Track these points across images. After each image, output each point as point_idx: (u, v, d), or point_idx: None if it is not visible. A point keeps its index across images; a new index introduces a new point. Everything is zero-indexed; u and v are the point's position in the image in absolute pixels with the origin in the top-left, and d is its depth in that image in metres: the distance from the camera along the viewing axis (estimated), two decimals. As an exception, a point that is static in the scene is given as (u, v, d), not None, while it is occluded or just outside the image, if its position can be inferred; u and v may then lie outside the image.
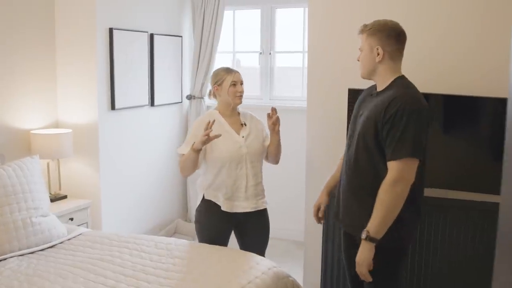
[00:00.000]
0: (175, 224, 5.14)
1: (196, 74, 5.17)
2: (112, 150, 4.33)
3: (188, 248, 3.03)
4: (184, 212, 5.42)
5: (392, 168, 2.25)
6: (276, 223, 5.15)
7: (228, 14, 5.24)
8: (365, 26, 2.45)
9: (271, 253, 4.75)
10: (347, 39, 3.44)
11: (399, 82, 2.39)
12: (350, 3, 3.48)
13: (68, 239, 3.22)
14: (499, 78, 3.00)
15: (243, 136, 3.11)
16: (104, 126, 4.21)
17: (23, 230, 3.02)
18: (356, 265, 2.35)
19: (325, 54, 3.56)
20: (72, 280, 2.59)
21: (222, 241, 3.15)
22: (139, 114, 4.65)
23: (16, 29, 3.82)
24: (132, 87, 4.48)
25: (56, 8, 4.15)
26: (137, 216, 4.69)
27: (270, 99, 5.23)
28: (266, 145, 3.19)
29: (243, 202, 3.08)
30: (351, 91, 3.21)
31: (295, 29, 5.16)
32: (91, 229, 4.01)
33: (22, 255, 2.95)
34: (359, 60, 2.49)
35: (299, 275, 3.92)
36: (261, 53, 5.21)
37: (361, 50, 2.47)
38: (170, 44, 4.99)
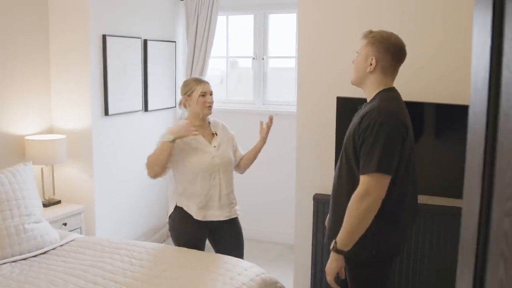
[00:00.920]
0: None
1: (190, 79, 5.20)
2: (106, 155, 4.37)
3: (178, 254, 3.07)
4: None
5: (361, 182, 2.22)
6: (269, 227, 5.23)
7: (221, 19, 5.28)
8: (369, 33, 2.40)
9: (264, 256, 4.82)
10: (336, 46, 3.48)
11: (382, 94, 2.35)
12: (340, 11, 3.50)
13: (61, 245, 3.26)
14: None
15: (214, 146, 3.15)
16: (97, 131, 4.25)
17: (15, 236, 3.06)
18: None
19: (315, 61, 3.59)
20: (62, 287, 2.63)
21: (198, 247, 3.19)
22: (133, 120, 4.69)
23: (10, 36, 3.86)
24: (126, 92, 4.52)
25: (50, 15, 4.19)
26: (130, 220, 4.73)
27: (263, 103, 5.28)
28: (237, 155, 3.32)
29: (216, 211, 3.11)
30: (339, 99, 3.25)
31: (288, 34, 5.20)
32: (84, 235, 4.06)
33: (15, 261, 3.00)
34: (354, 62, 2.45)
35: (291, 280, 3.97)
36: (254, 58, 5.25)
37: (357, 53, 2.43)
38: (164, 49, 5.04)
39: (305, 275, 3.74)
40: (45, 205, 4.03)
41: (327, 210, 2.66)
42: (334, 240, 2.27)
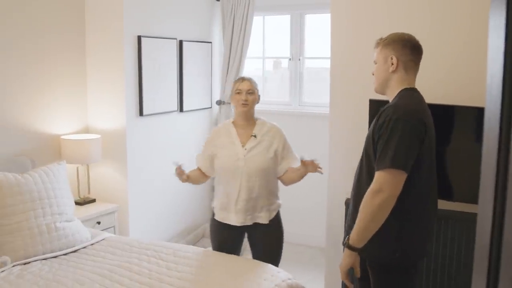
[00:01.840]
0: (202, 229, 5.19)
1: (226, 80, 5.20)
2: (140, 155, 4.40)
3: (206, 257, 3.06)
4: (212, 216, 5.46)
5: (375, 178, 2.19)
6: (302, 230, 5.17)
7: (257, 20, 5.25)
8: (380, 39, 2.44)
9: (297, 259, 4.77)
10: (370, 48, 3.38)
11: (402, 93, 2.34)
12: (373, 12, 3.44)
13: (91, 244, 3.29)
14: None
15: (245, 148, 3.08)
16: (132, 132, 4.29)
17: (47, 234, 3.11)
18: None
19: (348, 63, 3.53)
20: (88, 286, 2.65)
21: (231, 247, 3.17)
22: (168, 120, 4.71)
23: (47, 36, 3.94)
24: (160, 93, 4.55)
25: (86, 16, 4.26)
26: (164, 220, 4.76)
27: (299, 105, 5.22)
28: (281, 166, 3.12)
29: (233, 215, 3.10)
30: (372, 102, 3.17)
31: (324, 34, 5.12)
32: (118, 234, 4.11)
33: (46, 259, 3.04)
34: (373, 74, 2.47)
35: (322, 284, 3.91)
36: (290, 59, 5.20)
37: (375, 63, 2.45)
38: (199, 50, 5.04)
39: (336, 279, 3.67)
40: (80, 203, 4.10)
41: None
42: (347, 236, 2.26)
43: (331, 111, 3.63)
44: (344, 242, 2.25)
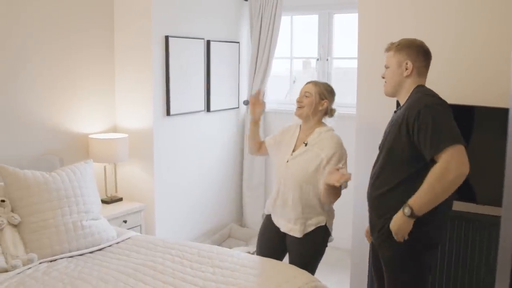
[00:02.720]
0: (229, 229, 5.19)
1: (253, 80, 5.19)
2: (167, 155, 4.42)
3: (229, 257, 3.04)
4: (239, 216, 5.46)
5: (441, 160, 2.24)
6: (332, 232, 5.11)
7: (285, 20, 5.22)
8: (392, 44, 2.54)
9: (323, 261, 4.71)
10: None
11: (417, 89, 2.46)
12: (400, 12, 3.41)
13: (117, 243, 3.32)
14: None
15: (292, 155, 3.02)
16: (159, 131, 4.31)
17: (73, 232, 3.14)
18: (393, 234, 2.41)
19: (375, 63, 3.48)
20: (112, 285, 2.66)
21: (274, 252, 3.12)
22: (195, 120, 4.73)
23: (76, 34, 3.99)
24: (187, 93, 4.56)
25: (115, 16, 4.30)
26: (190, 220, 4.77)
27: (326, 105, 5.16)
28: (320, 177, 2.91)
29: (278, 218, 3.09)
30: (399, 103, 3.11)
31: (353, 34, 5.06)
32: (144, 233, 4.13)
33: (72, 257, 3.07)
34: (384, 77, 2.56)
35: (347, 286, 3.87)
36: (318, 59, 5.16)
37: (386, 67, 2.55)
38: (227, 50, 5.04)
39: (362, 281, 3.62)
40: (107, 202, 4.13)
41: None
42: (408, 205, 2.31)
43: (357, 112, 3.61)
44: (410, 213, 2.30)
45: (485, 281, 3.09)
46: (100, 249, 3.22)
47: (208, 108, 4.85)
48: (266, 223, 3.21)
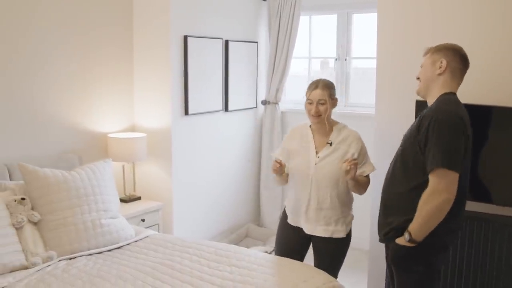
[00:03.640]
0: (246, 228, 5.19)
1: (272, 80, 5.19)
2: (185, 154, 4.44)
3: (246, 256, 3.04)
4: (256, 216, 5.46)
5: (430, 180, 2.30)
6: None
7: (304, 19, 5.21)
8: (430, 48, 2.53)
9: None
10: (416, 49, 3.32)
11: (442, 97, 2.44)
12: (420, 12, 3.39)
13: (135, 241, 3.33)
14: None
15: (318, 156, 2.98)
16: (177, 131, 4.32)
17: (92, 231, 3.17)
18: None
19: (394, 63, 3.48)
20: (131, 283, 2.68)
21: (293, 253, 3.10)
22: (213, 119, 4.74)
23: (95, 33, 4.02)
24: (205, 92, 4.58)
25: (134, 16, 4.32)
26: (208, 219, 4.78)
27: (345, 105, 5.14)
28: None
29: (304, 222, 3.06)
30: (418, 103, 3.09)
31: (371, 34, 5.02)
32: (162, 232, 4.15)
33: (90, 254, 3.10)
34: (419, 77, 2.55)
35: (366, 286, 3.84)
36: (336, 59, 5.13)
37: (421, 66, 2.54)
38: (245, 50, 5.04)
39: (380, 282, 3.59)
40: (126, 201, 4.16)
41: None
42: (407, 232, 2.39)
43: (377, 112, 3.58)
44: (409, 238, 2.38)
45: (504, 282, 3.05)
46: (119, 248, 3.23)
47: (226, 108, 4.86)
48: (284, 224, 3.19)
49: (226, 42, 4.77)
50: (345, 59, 5.09)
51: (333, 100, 3.02)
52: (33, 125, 3.65)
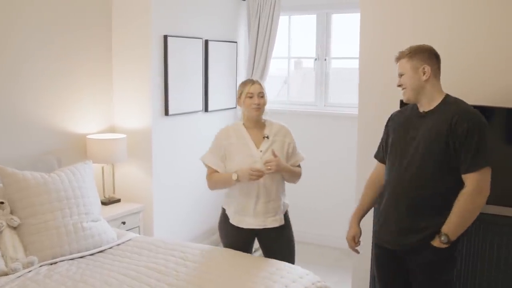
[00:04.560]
0: (227, 230, 5.15)
1: (251, 80, 5.16)
2: (166, 155, 4.38)
3: (233, 258, 3.00)
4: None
5: (471, 180, 2.38)
6: (328, 231, 5.10)
7: (283, 20, 5.20)
8: (402, 53, 2.54)
9: (321, 262, 4.70)
10: (399, 48, 3.35)
11: (451, 99, 2.51)
12: (402, 12, 3.43)
13: (117, 245, 3.27)
14: None
15: (261, 150, 3.03)
16: (157, 131, 4.27)
17: (74, 234, 3.10)
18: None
19: (377, 63, 3.50)
20: (116, 287, 2.63)
21: (242, 249, 3.12)
22: (193, 120, 4.69)
23: (73, 33, 3.94)
24: (186, 93, 4.53)
25: (113, 15, 4.25)
26: (189, 220, 4.74)
27: (324, 105, 5.15)
28: (291, 164, 3.09)
29: (251, 218, 3.05)
30: (402, 103, 3.10)
31: (351, 34, 5.05)
32: (142, 234, 4.09)
33: (72, 259, 3.03)
34: (401, 85, 2.57)
35: (349, 287, 3.85)
36: (316, 59, 5.14)
37: (401, 74, 2.55)
38: (225, 50, 5.01)
39: (364, 282, 3.60)
40: (105, 203, 4.09)
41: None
42: (443, 234, 2.42)
43: (360, 112, 3.59)
44: (446, 240, 2.42)
45: (504, 284, 3.07)
46: (101, 251, 3.17)
47: (206, 108, 4.82)
48: (227, 228, 3.18)
49: (206, 42, 4.73)
50: (325, 59, 5.09)
51: (266, 97, 3.13)
52: (11, 127, 3.55)
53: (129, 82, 4.25)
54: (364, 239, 3.44)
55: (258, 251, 3.41)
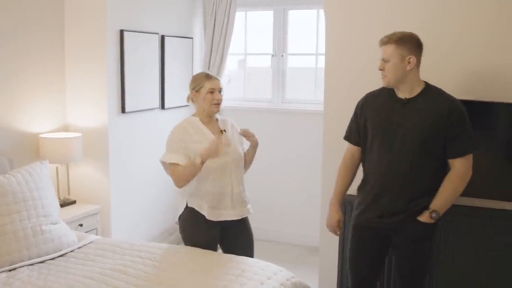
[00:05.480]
0: (185, 229, 5.06)
1: (207, 77, 5.07)
2: (123, 154, 4.25)
3: (203, 257, 2.92)
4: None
5: (460, 163, 2.56)
6: (288, 228, 5.10)
7: (240, 16, 5.14)
8: (390, 38, 2.54)
9: (283, 259, 4.68)
10: (365, 45, 3.38)
11: (432, 87, 2.63)
12: (369, 7, 3.43)
13: (79, 248, 3.12)
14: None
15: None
16: (114, 129, 4.13)
17: (32, 238, 2.93)
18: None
19: (343, 60, 3.50)
20: (84, 292, 2.50)
21: (211, 248, 3.07)
22: (150, 117, 4.57)
23: (24, 31, 3.74)
24: (142, 89, 4.41)
25: (66, 10, 4.07)
26: (147, 220, 4.62)
27: (282, 102, 5.14)
28: (244, 153, 3.18)
29: (230, 210, 3.03)
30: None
31: (308, 31, 5.06)
32: (101, 236, 3.93)
33: (32, 264, 2.87)
34: (383, 69, 2.58)
35: (314, 283, 3.84)
36: (273, 55, 5.12)
37: (386, 60, 2.56)
38: (181, 45, 4.91)
39: (331, 278, 3.61)
40: (60, 205, 3.86)
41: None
42: (434, 211, 2.59)
43: (325, 108, 3.59)
44: (436, 215, 2.59)
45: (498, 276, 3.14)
46: (62, 255, 3.01)
47: (162, 105, 4.71)
48: (201, 225, 3.06)
49: (162, 37, 4.61)
50: (282, 56, 5.08)
51: None
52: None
53: (84, 79, 4.08)
54: (333, 238, 3.45)
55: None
